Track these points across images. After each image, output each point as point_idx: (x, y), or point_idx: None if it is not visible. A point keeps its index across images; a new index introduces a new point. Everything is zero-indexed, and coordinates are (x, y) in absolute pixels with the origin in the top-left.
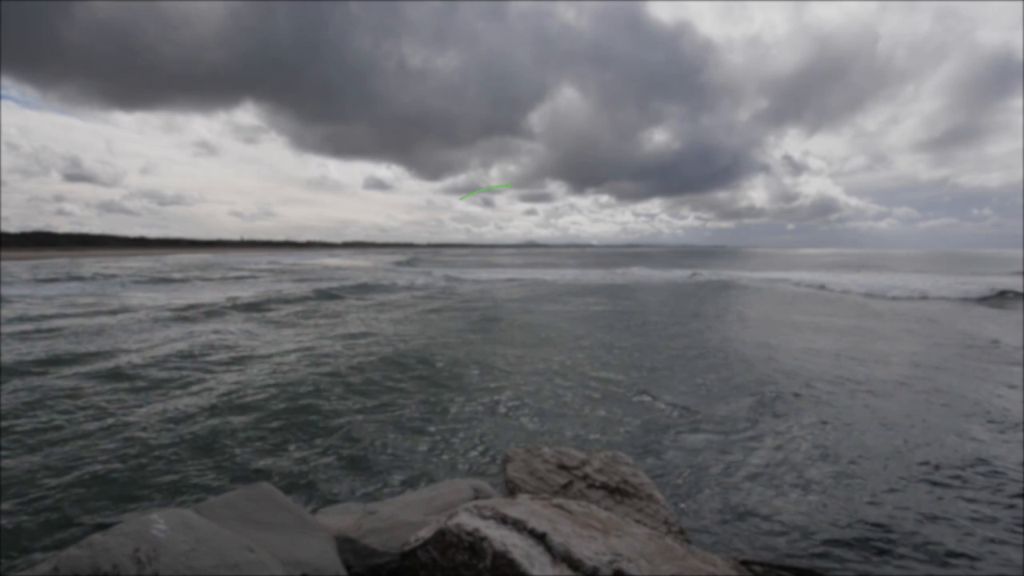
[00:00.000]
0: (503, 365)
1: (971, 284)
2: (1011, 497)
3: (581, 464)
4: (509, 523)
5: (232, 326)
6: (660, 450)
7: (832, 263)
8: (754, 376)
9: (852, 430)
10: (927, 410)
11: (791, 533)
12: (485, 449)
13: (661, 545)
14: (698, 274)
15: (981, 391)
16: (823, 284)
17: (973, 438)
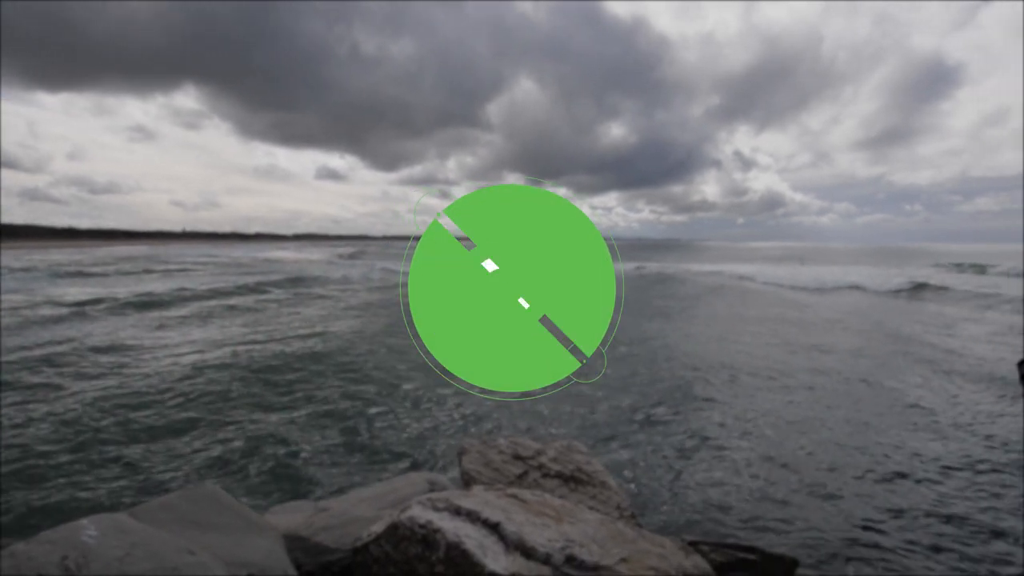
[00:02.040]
0: None
1: (898, 277)
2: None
3: (536, 454)
4: (463, 514)
5: (130, 323)
6: (612, 439)
7: (777, 256)
8: (689, 366)
9: (786, 416)
10: (852, 400)
11: (735, 513)
12: (442, 443)
13: (612, 530)
14: (643, 267)
15: (894, 380)
16: (756, 276)
17: (890, 424)
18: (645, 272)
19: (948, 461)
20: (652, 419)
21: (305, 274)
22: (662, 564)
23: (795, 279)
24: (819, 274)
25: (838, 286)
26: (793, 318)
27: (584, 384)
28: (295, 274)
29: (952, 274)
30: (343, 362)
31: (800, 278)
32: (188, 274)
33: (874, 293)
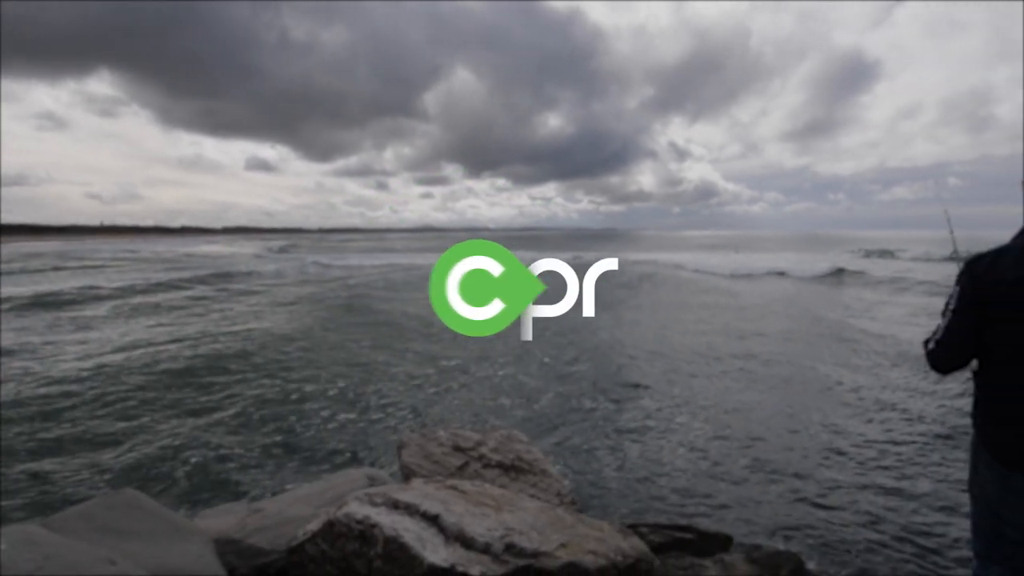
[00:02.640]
0: (377, 356)
1: (821, 263)
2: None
3: (477, 445)
4: (401, 508)
5: (32, 325)
6: (553, 427)
7: (711, 244)
8: (626, 354)
9: (721, 401)
10: (783, 383)
11: (674, 495)
12: (381, 438)
13: (552, 516)
14: (580, 257)
15: (820, 363)
16: (688, 264)
17: (819, 404)
18: (582, 262)
19: (872, 436)
20: (592, 407)
21: (233, 269)
22: (600, 547)
23: (725, 267)
24: (751, 261)
25: (768, 272)
26: (724, 305)
27: (525, 375)
28: (221, 269)
29: (870, 260)
30: (273, 360)
31: (731, 265)
32: (104, 271)
33: (799, 279)
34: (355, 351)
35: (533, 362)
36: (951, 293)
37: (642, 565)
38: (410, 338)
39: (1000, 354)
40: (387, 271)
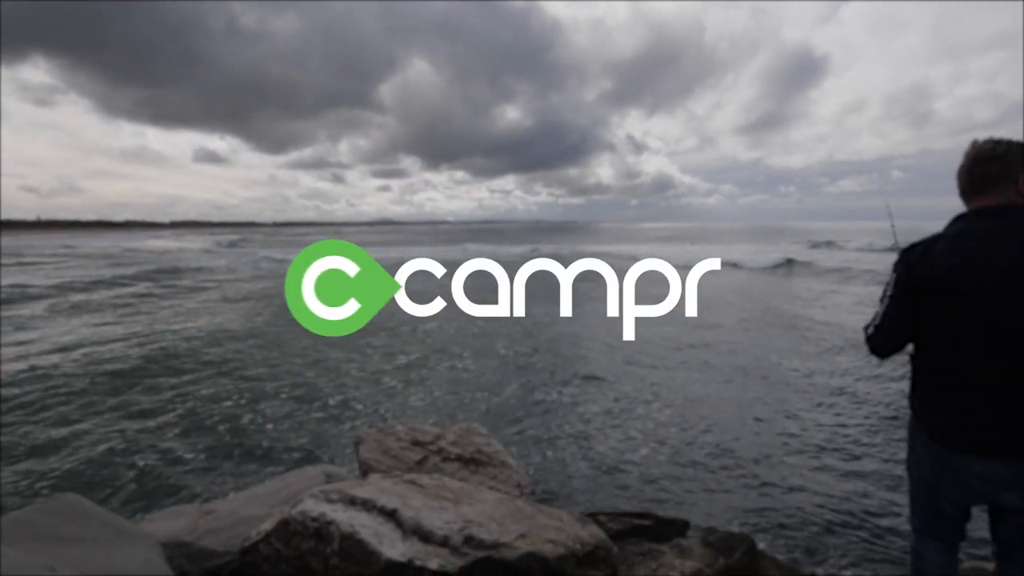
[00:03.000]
0: (333, 352)
1: (772, 254)
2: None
3: (436, 439)
4: (358, 504)
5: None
6: (514, 420)
7: (667, 236)
8: (584, 347)
9: (678, 391)
10: (738, 372)
11: (633, 483)
12: (338, 434)
13: (511, 507)
14: (538, 250)
15: (772, 351)
16: (641, 256)
17: (773, 392)
18: (539, 254)
19: (823, 420)
20: (552, 399)
21: (181, 264)
22: (559, 536)
23: (679, 258)
24: (706, 252)
25: (722, 263)
26: (678, 296)
27: (484, 368)
28: (168, 264)
29: (819, 251)
30: (225, 358)
31: (685, 257)
32: (42, 267)
33: (751, 270)
34: (311, 348)
35: (492, 356)
36: (888, 280)
37: (600, 552)
38: (367, 333)
39: (933, 339)
40: None
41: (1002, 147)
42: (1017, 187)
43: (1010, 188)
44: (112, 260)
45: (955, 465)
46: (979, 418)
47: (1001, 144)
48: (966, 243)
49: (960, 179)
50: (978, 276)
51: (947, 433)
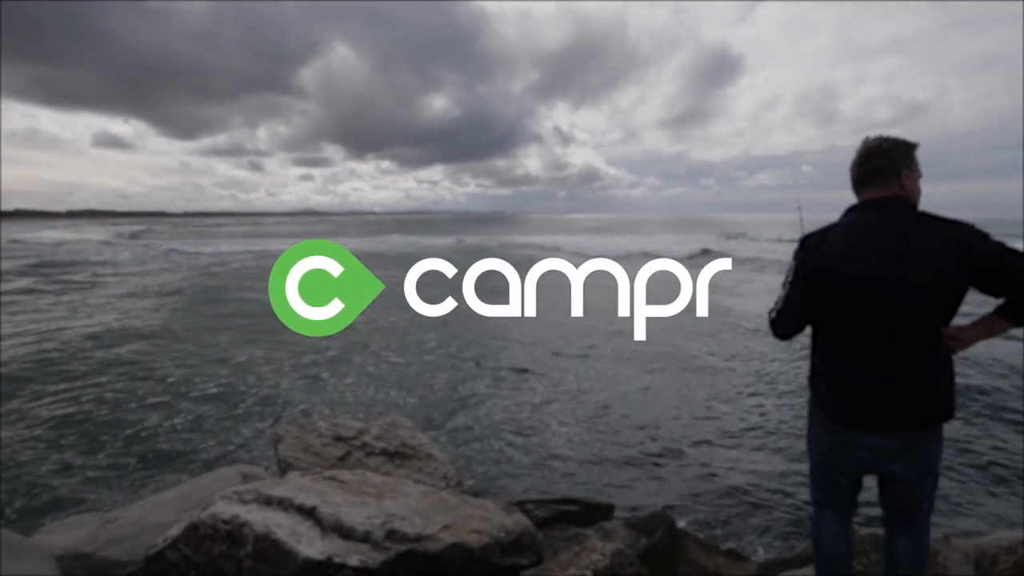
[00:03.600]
0: (249, 348)
1: (691, 244)
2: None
3: (359, 433)
4: (274, 503)
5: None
6: (446, 413)
7: (594, 227)
8: (508, 339)
9: (603, 382)
10: (660, 361)
11: (561, 470)
12: (257, 433)
13: (436, 500)
14: (463, 240)
15: (693, 340)
16: (565, 247)
17: (693, 377)
18: (464, 246)
19: (739, 401)
20: (480, 392)
21: (76, 257)
22: (484, 526)
23: (600, 248)
24: (629, 243)
25: (643, 253)
26: (600, 286)
27: (410, 363)
28: (59, 258)
29: (737, 241)
30: (127, 358)
31: (609, 247)
32: None
33: (671, 260)
34: (224, 344)
35: (418, 350)
36: (789, 267)
37: (525, 539)
38: (285, 328)
39: (828, 323)
40: (260, 257)
41: (888, 144)
42: (900, 181)
43: (894, 182)
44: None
45: (847, 440)
46: (867, 397)
47: (887, 141)
48: (855, 233)
49: (852, 173)
50: (864, 263)
51: (840, 411)
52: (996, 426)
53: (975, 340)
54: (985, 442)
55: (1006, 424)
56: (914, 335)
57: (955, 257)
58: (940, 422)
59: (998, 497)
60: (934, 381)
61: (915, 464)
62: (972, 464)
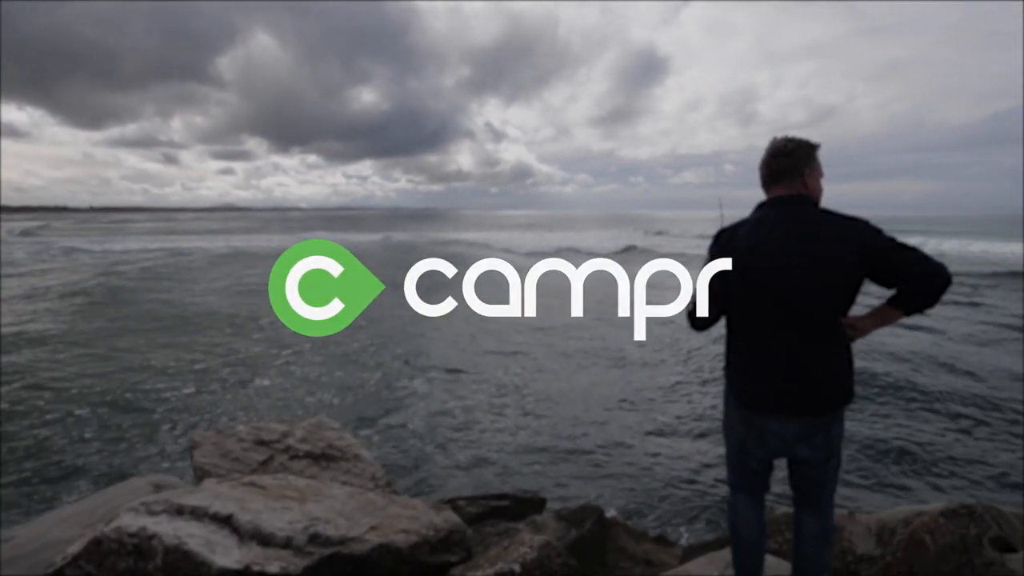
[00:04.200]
0: (160, 352)
1: (621, 240)
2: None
3: (283, 436)
4: (186, 513)
5: None
6: (372, 413)
7: (526, 224)
8: (436, 340)
9: (531, 379)
10: (583, 356)
11: (493, 467)
12: (173, 440)
13: (362, 501)
14: (390, 237)
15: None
16: (493, 243)
17: (615, 370)
18: (391, 243)
19: (669, 394)
20: (411, 390)
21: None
22: (412, 525)
23: (531, 245)
24: (561, 239)
25: (574, 249)
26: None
27: (336, 364)
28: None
29: (663, 237)
30: (22, 367)
31: (539, 244)
32: None
33: (597, 256)
34: (133, 349)
35: (342, 350)
36: (704, 260)
37: (454, 536)
38: (198, 330)
39: (738, 314)
40: (173, 255)
41: (792, 144)
42: (803, 180)
43: (798, 181)
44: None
45: (758, 426)
46: (775, 384)
47: (792, 142)
48: (762, 228)
49: (760, 172)
50: (770, 257)
51: (751, 398)
52: (897, 410)
53: (871, 329)
54: (888, 425)
55: (906, 408)
56: (816, 324)
57: (852, 251)
58: (841, 407)
59: (899, 475)
60: (835, 368)
61: (819, 447)
62: (877, 445)
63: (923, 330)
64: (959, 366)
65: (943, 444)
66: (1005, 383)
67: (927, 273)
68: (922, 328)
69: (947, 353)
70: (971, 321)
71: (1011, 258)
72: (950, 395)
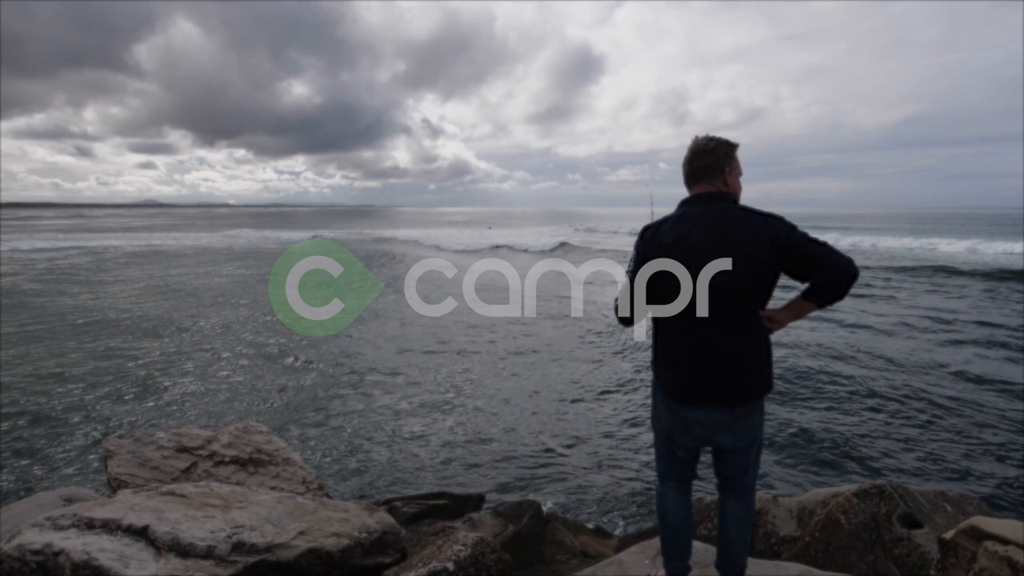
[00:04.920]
0: (66, 359)
1: (556, 237)
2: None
3: (207, 442)
4: (97, 526)
5: None
6: (302, 415)
7: (464, 221)
8: (370, 343)
9: (472, 377)
10: (524, 354)
11: (432, 467)
12: (87, 450)
13: (291, 506)
14: (319, 236)
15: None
16: (423, 240)
17: (554, 367)
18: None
19: (605, 388)
20: (348, 392)
21: None
22: (344, 527)
23: (464, 243)
24: (496, 237)
25: (507, 247)
26: (457, 281)
27: (264, 366)
28: None
29: (602, 234)
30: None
31: (473, 241)
32: None
33: (532, 252)
34: (40, 356)
35: (273, 353)
36: (631, 256)
37: (388, 538)
38: (114, 334)
39: (663, 308)
40: (86, 255)
41: (712, 143)
42: (724, 178)
43: (719, 178)
44: None
45: (684, 415)
46: (699, 375)
47: (712, 140)
48: (684, 223)
49: (683, 169)
50: (691, 251)
51: (676, 389)
52: (817, 398)
53: (787, 321)
54: (809, 412)
55: (825, 396)
56: (736, 317)
57: (768, 246)
58: (761, 395)
59: (820, 459)
60: (755, 359)
61: (741, 434)
62: (800, 432)
63: (838, 322)
64: (874, 356)
65: (859, 429)
66: (916, 370)
67: (835, 267)
68: (837, 320)
69: (863, 343)
70: (883, 313)
71: (922, 253)
72: (865, 383)
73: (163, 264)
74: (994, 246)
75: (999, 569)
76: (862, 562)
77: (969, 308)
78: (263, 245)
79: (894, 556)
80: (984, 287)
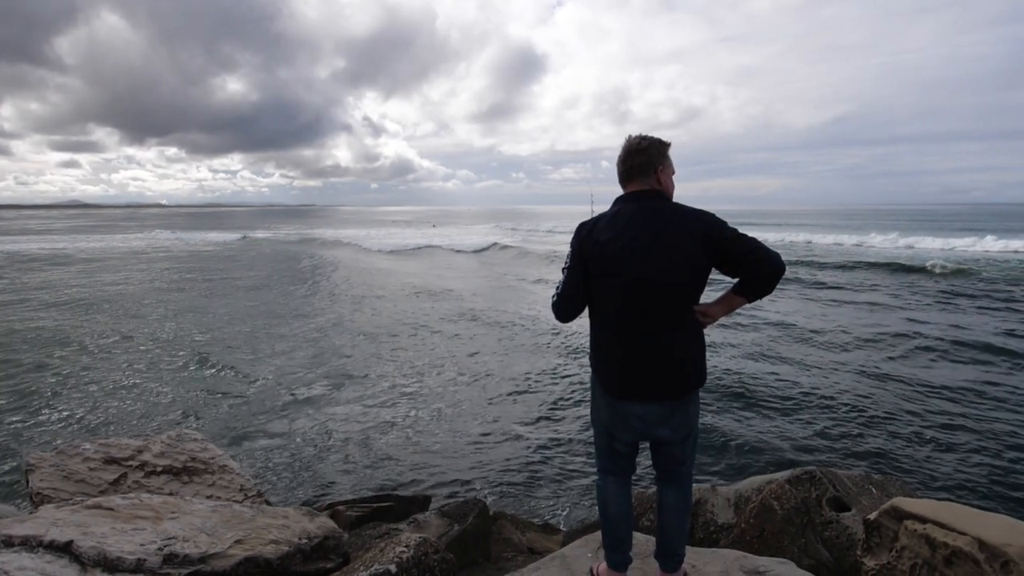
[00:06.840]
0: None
1: (490, 236)
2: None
3: (137, 452)
4: (16, 544)
5: None
6: (239, 422)
7: (407, 219)
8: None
9: (412, 377)
10: (455, 357)
11: (378, 470)
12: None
13: (227, 514)
14: (247, 236)
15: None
16: (360, 241)
17: (498, 362)
18: (247, 242)
19: (550, 386)
20: (291, 399)
21: None
22: (284, 534)
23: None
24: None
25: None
26: (381, 283)
27: (208, 372)
28: None
29: (536, 234)
30: None
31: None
32: None
33: (467, 253)
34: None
35: (205, 360)
36: (568, 253)
37: (329, 543)
38: (35, 346)
39: (599, 304)
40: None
41: (646, 142)
42: (656, 176)
43: (652, 177)
44: None
45: (621, 410)
46: (636, 371)
47: (645, 140)
48: (619, 221)
49: (617, 168)
50: (625, 248)
51: (614, 383)
52: (745, 394)
53: (720, 315)
54: (740, 406)
55: (764, 386)
56: (671, 312)
57: (700, 242)
58: (697, 388)
59: (753, 449)
60: (690, 353)
61: (678, 427)
62: (736, 424)
63: (771, 317)
64: (807, 348)
65: (794, 418)
66: (847, 362)
67: (765, 262)
68: (771, 313)
69: (796, 336)
70: (816, 305)
71: (851, 249)
72: (800, 374)
73: (87, 268)
74: (926, 242)
75: (919, 546)
76: (794, 545)
77: (889, 299)
78: (185, 247)
79: (824, 538)
80: (905, 280)
